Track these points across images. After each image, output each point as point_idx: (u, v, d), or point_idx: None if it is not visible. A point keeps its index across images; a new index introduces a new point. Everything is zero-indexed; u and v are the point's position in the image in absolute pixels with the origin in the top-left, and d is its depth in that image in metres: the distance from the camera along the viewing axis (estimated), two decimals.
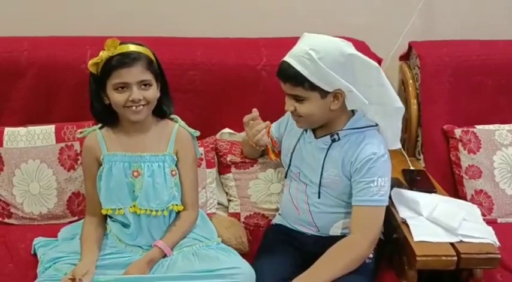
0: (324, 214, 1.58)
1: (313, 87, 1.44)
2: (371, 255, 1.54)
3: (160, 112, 1.59)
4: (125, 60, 1.45)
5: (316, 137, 1.58)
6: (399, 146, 1.66)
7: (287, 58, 1.47)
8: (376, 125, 1.56)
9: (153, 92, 1.51)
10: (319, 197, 1.57)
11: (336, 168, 1.53)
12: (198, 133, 1.65)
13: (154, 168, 1.55)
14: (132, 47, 1.49)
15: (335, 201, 1.57)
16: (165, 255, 1.52)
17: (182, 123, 1.63)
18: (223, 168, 1.90)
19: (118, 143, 1.57)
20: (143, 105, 1.50)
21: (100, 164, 1.57)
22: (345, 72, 1.43)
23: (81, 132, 1.64)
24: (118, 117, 1.56)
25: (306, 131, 1.61)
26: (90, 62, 1.47)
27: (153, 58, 1.53)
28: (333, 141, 1.54)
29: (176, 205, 1.57)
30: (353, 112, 1.57)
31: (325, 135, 1.56)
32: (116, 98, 1.48)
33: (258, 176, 1.87)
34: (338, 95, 1.47)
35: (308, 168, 1.60)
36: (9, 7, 2.03)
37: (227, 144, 1.91)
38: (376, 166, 1.48)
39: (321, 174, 1.55)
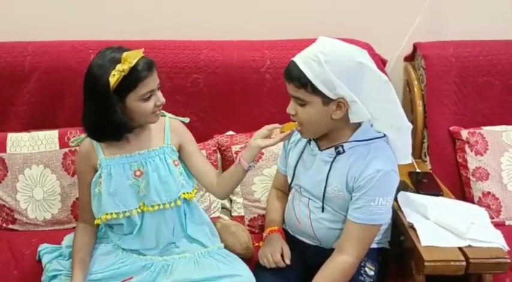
0: (327, 229, 1.54)
1: (316, 91, 1.38)
2: (372, 272, 1.51)
3: None
4: (146, 68, 1.40)
5: (320, 149, 1.53)
6: (409, 161, 1.60)
7: (295, 58, 1.42)
8: (384, 135, 1.51)
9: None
10: (322, 211, 1.53)
11: (340, 184, 1.48)
12: (187, 120, 1.64)
13: (157, 162, 1.52)
14: (138, 53, 1.41)
15: (337, 216, 1.52)
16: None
17: (170, 114, 1.63)
18: (227, 165, 1.88)
19: (114, 146, 1.52)
20: None
21: (95, 171, 1.53)
22: (351, 80, 1.37)
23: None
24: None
25: (310, 143, 1.56)
26: (113, 80, 1.36)
27: None
28: (338, 153, 1.48)
29: (187, 193, 1.55)
30: (359, 123, 1.50)
31: (329, 148, 1.50)
32: (144, 107, 1.44)
33: (262, 172, 1.85)
34: (341, 104, 1.40)
35: (310, 181, 1.54)
36: (13, 12, 2.02)
37: (227, 137, 1.92)
38: (379, 184, 1.42)
39: (325, 188, 1.50)
